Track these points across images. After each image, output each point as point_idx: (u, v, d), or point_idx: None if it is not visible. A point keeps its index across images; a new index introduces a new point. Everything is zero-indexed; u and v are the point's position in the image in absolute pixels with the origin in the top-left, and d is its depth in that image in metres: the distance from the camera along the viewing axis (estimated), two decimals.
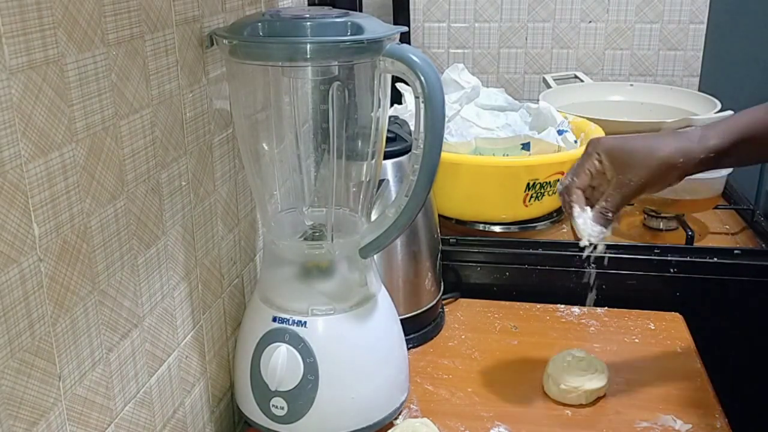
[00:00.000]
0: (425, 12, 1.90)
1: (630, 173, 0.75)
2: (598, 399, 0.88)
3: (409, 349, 0.92)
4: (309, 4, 1.11)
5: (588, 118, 1.34)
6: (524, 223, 1.22)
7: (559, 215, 1.26)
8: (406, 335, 0.86)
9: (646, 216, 1.25)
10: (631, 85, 1.74)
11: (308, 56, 0.69)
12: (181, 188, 0.70)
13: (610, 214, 0.76)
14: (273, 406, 0.77)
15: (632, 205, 1.28)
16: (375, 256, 0.80)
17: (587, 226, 0.77)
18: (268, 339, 0.77)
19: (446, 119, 0.85)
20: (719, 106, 1.49)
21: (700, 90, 1.79)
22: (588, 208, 0.78)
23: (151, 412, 0.68)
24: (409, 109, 1.25)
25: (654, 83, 1.83)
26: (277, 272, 0.81)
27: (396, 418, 0.83)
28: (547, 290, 1.11)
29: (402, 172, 0.94)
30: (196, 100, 0.72)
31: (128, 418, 0.64)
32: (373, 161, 0.78)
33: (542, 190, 1.16)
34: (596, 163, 0.77)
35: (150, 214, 0.65)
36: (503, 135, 1.19)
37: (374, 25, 0.70)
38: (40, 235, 0.50)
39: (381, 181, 0.87)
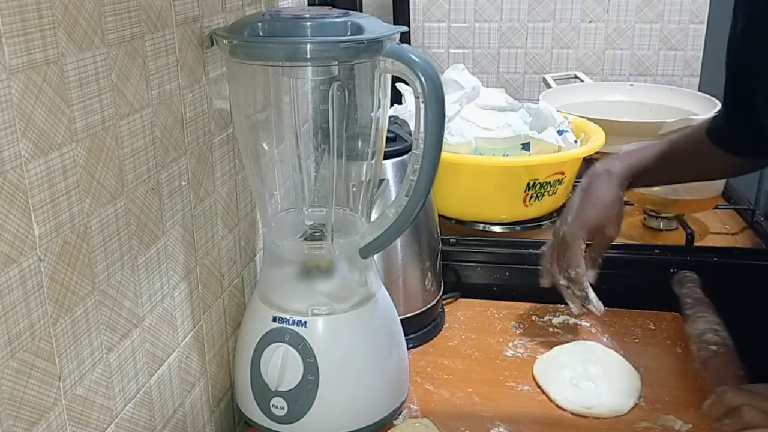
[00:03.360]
0: (425, 12, 1.90)
1: (609, 231, 0.91)
2: None
3: (409, 349, 0.92)
4: (309, 4, 1.11)
5: (588, 118, 1.34)
6: (524, 223, 1.22)
7: (560, 215, 1.26)
8: (406, 335, 0.86)
9: (646, 216, 1.25)
10: (631, 85, 1.74)
11: (308, 56, 0.69)
12: (181, 188, 0.70)
13: (600, 260, 0.91)
14: (273, 406, 0.77)
15: (632, 204, 1.28)
16: (375, 256, 0.80)
17: (598, 304, 0.91)
18: (268, 339, 0.77)
19: (446, 119, 0.85)
20: (719, 106, 1.49)
21: (700, 90, 1.79)
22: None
23: (151, 412, 0.68)
24: (409, 109, 1.25)
25: (654, 83, 1.83)
26: (277, 272, 0.81)
27: (396, 418, 0.83)
28: (547, 290, 1.11)
29: (402, 172, 0.94)
30: (196, 100, 0.72)
31: (128, 418, 0.64)
32: (373, 161, 0.78)
33: (542, 190, 1.16)
34: (583, 246, 0.90)
35: (150, 214, 0.65)
36: (503, 135, 1.19)
37: (374, 25, 0.70)
38: (40, 235, 0.50)
39: (381, 181, 0.87)
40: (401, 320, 0.85)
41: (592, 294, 0.91)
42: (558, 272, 0.93)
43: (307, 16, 0.69)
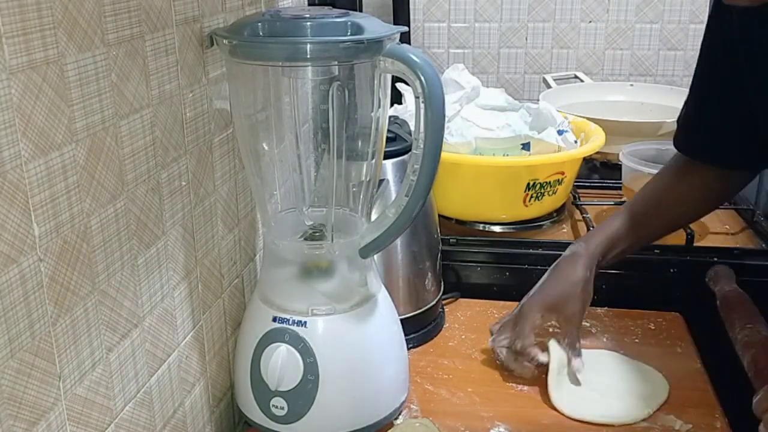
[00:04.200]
0: (425, 12, 1.90)
1: (570, 308, 0.90)
2: None
3: (409, 349, 0.92)
4: (309, 4, 1.11)
5: (588, 118, 1.34)
6: (524, 223, 1.22)
7: (559, 215, 1.26)
8: (406, 335, 0.86)
9: None
10: (631, 85, 1.74)
11: (308, 56, 0.69)
12: (181, 188, 0.70)
13: (578, 344, 0.89)
14: (273, 406, 0.77)
15: None
16: (375, 256, 0.80)
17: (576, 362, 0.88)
18: (268, 339, 0.77)
19: (446, 119, 0.85)
20: None
21: None
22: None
23: (151, 412, 0.68)
24: (409, 109, 1.25)
25: (654, 83, 1.83)
26: (277, 272, 0.81)
27: (396, 418, 0.83)
28: None
29: (402, 172, 0.94)
30: (196, 100, 0.72)
31: (128, 418, 0.64)
32: (373, 161, 0.78)
33: (542, 190, 1.16)
34: (537, 321, 0.89)
35: (150, 214, 0.65)
36: (503, 135, 1.19)
37: (374, 25, 0.70)
38: (40, 235, 0.50)
39: (381, 181, 0.87)
40: (401, 320, 0.85)
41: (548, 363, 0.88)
42: (502, 340, 0.91)
43: (307, 16, 0.69)
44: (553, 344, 0.89)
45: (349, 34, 0.68)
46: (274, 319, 0.77)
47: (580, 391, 0.87)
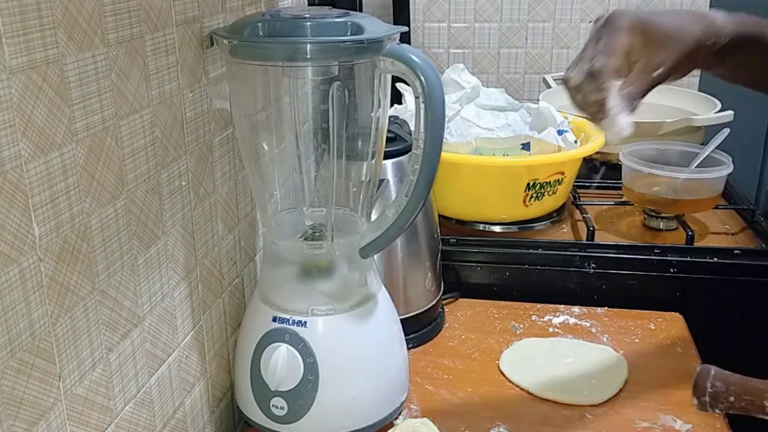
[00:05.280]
0: (425, 12, 1.90)
1: (663, 53, 0.67)
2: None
3: (409, 349, 0.92)
4: (309, 4, 1.11)
5: (588, 118, 1.33)
6: (524, 223, 1.22)
7: (560, 215, 1.26)
8: (406, 335, 0.86)
9: (646, 216, 1.25)
10: None
11: (308, 56, 0.69)
12: (181, 188, 0.70)
13: (637, 101, 0.67)
14: (273, 406, 0.77)
15: (632, 204, 1.28)
16: (375, 256, 0.80)
17: (622, 120, 0.66)
18: (268, 339, 0.77)
19: (446, 119, 0.85)
20: (719, 106, 1.49)
21: (700, 90, 1.78)
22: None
23: (151, 412, 0.68)
24: (409, 109, 1.25)
25: None
26: (277, 272, 0.81)
27: (396, 418, 0.83)
28: (547, 290, 1.11)
29: (402, 172, 0.94)
30: (196, 100, 0.72)
31: (128, 418, 0.64)
32: (373, 161, 0.78)
33: (542, 190, 1.16)
34: (626, 40, 0.67)
35: (150, 214, 0.65)
36: (503, 135, 1.19)
37: (374, 25, 0.70)
38: (40, 235, 0.50)
39: (381, 181, 0.87)
40: (401, 320, 0.85)
41: (614, 106, 0.66)
42: (581, 66, 0.69)
43: (307, 16, 0.69)
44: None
45: (349, 34, 0.68)
46: (274, 319, 0.77)
47: (542, 372, 0.91)
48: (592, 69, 0.66)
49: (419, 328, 1.00)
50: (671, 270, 1.09)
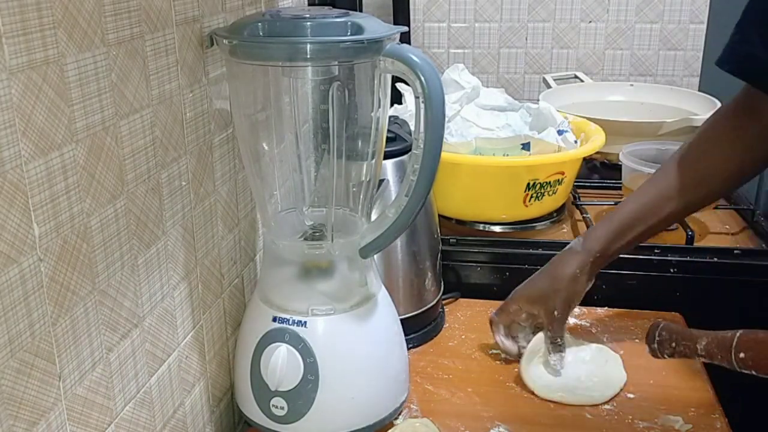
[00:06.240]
0: (425, 12, 1.90)
1: (551, 303, 0.89)
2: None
3: (409, 349, 0.92)
4: (309, 4, 1.11)
5: (588, 118, 1.33)
6: (524, 223, 1.22)
7: (559, 215, 1.26)
8: (406, 335, 0.86)
9: None
10: (631, 85, 1.74)
11: (308, 56, 0.69)
12: (181, 188, 0.70)
13: (559, 339, 0.90)
14: (273, 406, 0.77)
15: None
16: (375, 256, 0.80)
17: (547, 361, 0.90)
18: (268, 339, 0.77)
19: (446, 119, 0.85)
20: (719, 106, 1.49)
21: (700, 90, 1.79)
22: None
23: (151, 412, 0.68)
24: (409, 109, 1.25)
25: (654, 83, 1.83)
26: (277, 272, 0.81)
27: (396, 418, 0.83)
28: None
29: (402, 172, 0.94)
30: (196, 100, 0.72)
31: (128, 418, 0.64)
32: (373, 161, 0.78)
33: (542, 190, 1.16)
34: (518, 313, 0.92)
35: (150, 214, 0.65)
36: (503, 135, 1.19)
37: (374, 25, 0.70)
38: (40, 235, 0.50)
39: (381, 181, 0.87)
40: (401, 320, 0.85)
41: (509, 348, 0.94)
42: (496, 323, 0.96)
43: (307, 16, 0.69)
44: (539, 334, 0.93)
45: (349, 34, 0.68)
46: (274, 319, 0.77)
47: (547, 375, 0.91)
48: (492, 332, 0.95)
49: (419, 328, 1.00)
50: (671, 270, 1.09)
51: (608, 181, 1.39)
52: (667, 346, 0.74)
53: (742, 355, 0.68)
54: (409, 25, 1.85)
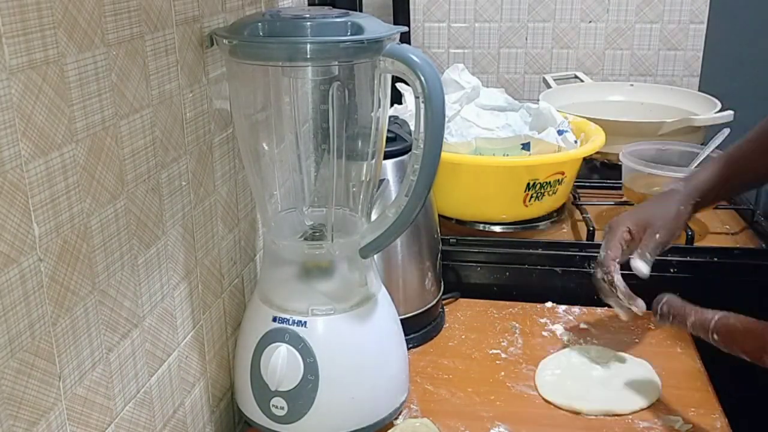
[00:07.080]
0: (425, 12, 1.90)
1: (659, 224, 0.89)
2: None
3: (409, 349, 0.92)
4: (309, 4, 1.11)
5: (588, 118, 1.34)
6: (524, 223, 1.22)
7: (560, 215, 1.26)
8: (406, 335, 0.86)
9: None
10: (631, 85, 1.74)
11: (308, 56, 0.69)
12: (181, 188, 0.70)
13: (648, 255, 0.88)
14: (273, 406, 0.77)
15: (632, 205, 1.28)
16: (375, 256, 0.80)
17: (639, 265, 0.88)
18: (268, 339, 0.77)
19: (446, 119, 0.85)
20: (719, 106, 1.49)
21: (700, 90, 1.79)
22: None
23: (151, 412, 0.68)
24: (409, 109, 1.25)
25: (654, 83, 1.83)
26: (277, 272, 0.81)
27: (396, 418, 0.83)
28: (548, 290, 1.11)
29: (402, 172, 0.94)
30: (196, 100, 0.72)
31: (128, 418, 0.64)
32: (373, 161, 0.78)
33: (542, 190, 1.16)
34: (625, 234, 0.90)
35: (150, 214, 0.65)
36: (503, 135, 1.19)
37: (374, 25, 0.70)
38: (40, 235, 0.50)
39: (381, 181, 0.87)
40: (401, 320, 0.85)
41: (622, 286, 0.88)
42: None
43: (307, 16, 0.69)
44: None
45: (349, 34, 0.68)
46: (274, 319, 0.77)
47: (570, 383, 0.89)
48: (598, 260, 0.90)
49: (419, 328, 1.00)
50: (671, 270, 1.09)
51: (608, 181, 1.39)
52: (667, 318, 0.80)
53: (716, 336, 0.76)
54: (409, 25, 1.85)
